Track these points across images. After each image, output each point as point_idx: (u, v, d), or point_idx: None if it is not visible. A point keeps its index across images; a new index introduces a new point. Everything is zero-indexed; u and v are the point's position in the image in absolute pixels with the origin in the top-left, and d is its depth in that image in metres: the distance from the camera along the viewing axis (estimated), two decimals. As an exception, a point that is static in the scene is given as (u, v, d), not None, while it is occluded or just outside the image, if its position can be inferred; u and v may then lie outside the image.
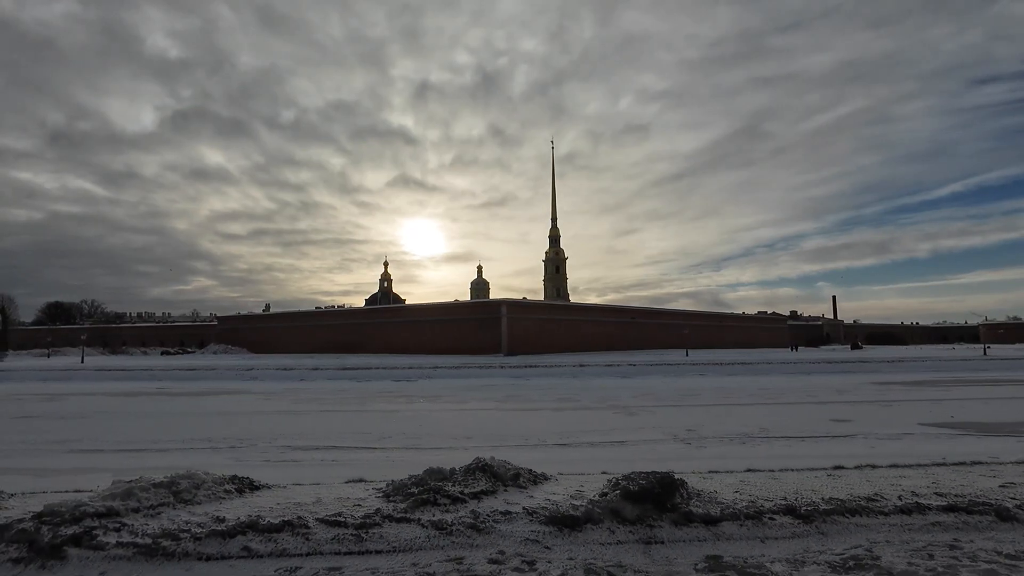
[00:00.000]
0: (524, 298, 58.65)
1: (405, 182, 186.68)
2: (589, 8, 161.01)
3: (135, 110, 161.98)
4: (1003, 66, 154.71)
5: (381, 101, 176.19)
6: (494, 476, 3.40)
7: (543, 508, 3.14)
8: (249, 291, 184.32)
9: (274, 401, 14.81)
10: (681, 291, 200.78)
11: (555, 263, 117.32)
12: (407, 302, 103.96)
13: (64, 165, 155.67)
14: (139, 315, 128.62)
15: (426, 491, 3.12)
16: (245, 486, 3.64)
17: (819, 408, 12.44)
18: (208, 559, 2.67)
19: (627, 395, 15.46)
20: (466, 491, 3.16)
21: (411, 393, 16.68)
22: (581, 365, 27.41)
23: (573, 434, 8.87)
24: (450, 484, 3.25)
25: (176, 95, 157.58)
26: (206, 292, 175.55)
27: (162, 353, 64.72)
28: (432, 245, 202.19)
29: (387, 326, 54.56)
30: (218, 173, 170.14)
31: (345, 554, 2.81)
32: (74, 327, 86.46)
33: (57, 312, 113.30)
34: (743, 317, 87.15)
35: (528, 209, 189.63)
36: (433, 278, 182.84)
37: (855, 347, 63.94)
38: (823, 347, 75.69)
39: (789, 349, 59.58)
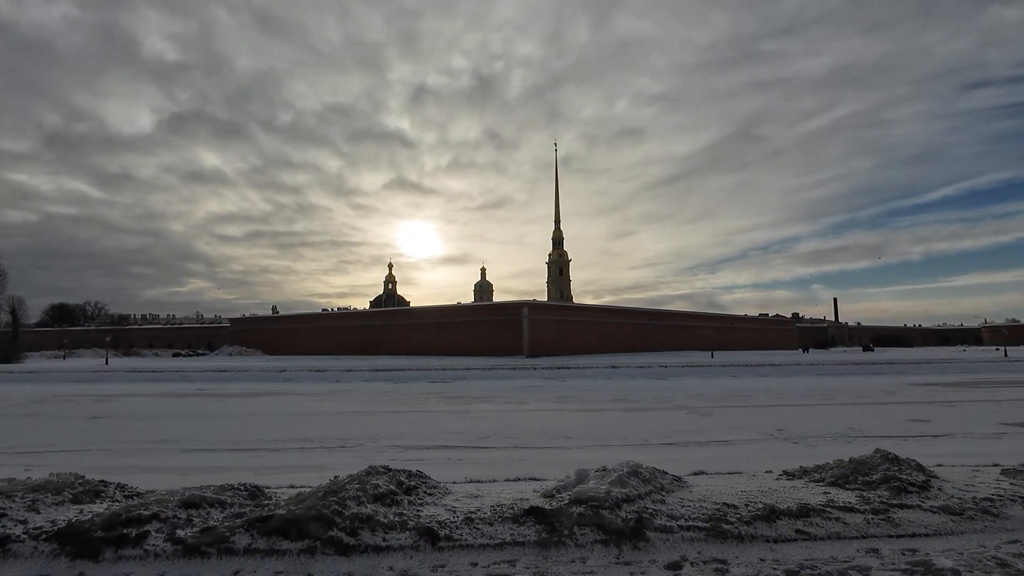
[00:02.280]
0: (534, 299, 58.73)
1: (402, 184, 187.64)
2: (584, 12, 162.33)
3: (132, 112, 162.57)
4: (994, 71, 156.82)
5: (378, 104, 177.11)
6: (897, 465, 3.47)
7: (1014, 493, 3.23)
8: (245, 293, 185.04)
9: (332, 402, 14.83)
10: (677, 293, 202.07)
11: (558, 265, 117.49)
12: (410, 304, 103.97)
13: (60, 167, 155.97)
14: (143, 316, 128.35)
15: (886, 479, 3.19)
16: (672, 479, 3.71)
17: (884, 409, 12.52)
18: (776, 541, 2.72)
19: (680, 396, 15.52)
20: (915, 480, 3.23)
21: (459, 394, 16.72)
22: (613, 367, 27.48)
23: (668, 435, 8.92)
24: (901, 473, 3.32)
25: (173, 98, 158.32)
26: (201, 294, 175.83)
27: (174, 355, 64.56)
28: (429, 247, 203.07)
29: (406, 327, 54.53)
30: (214, 175, 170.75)
31: (898, 536, 2.84)
32: (87, 328, 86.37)
33: (61, 314, 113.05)
34: (753, 319, 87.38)
35: (524, 211, 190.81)
36: (430, 280, 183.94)
37: (866, 349, 64.08)
38: (831, 349, 75.88)
39: (800, 351, 59.73)
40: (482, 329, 48.83)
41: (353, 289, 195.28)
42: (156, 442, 8.50)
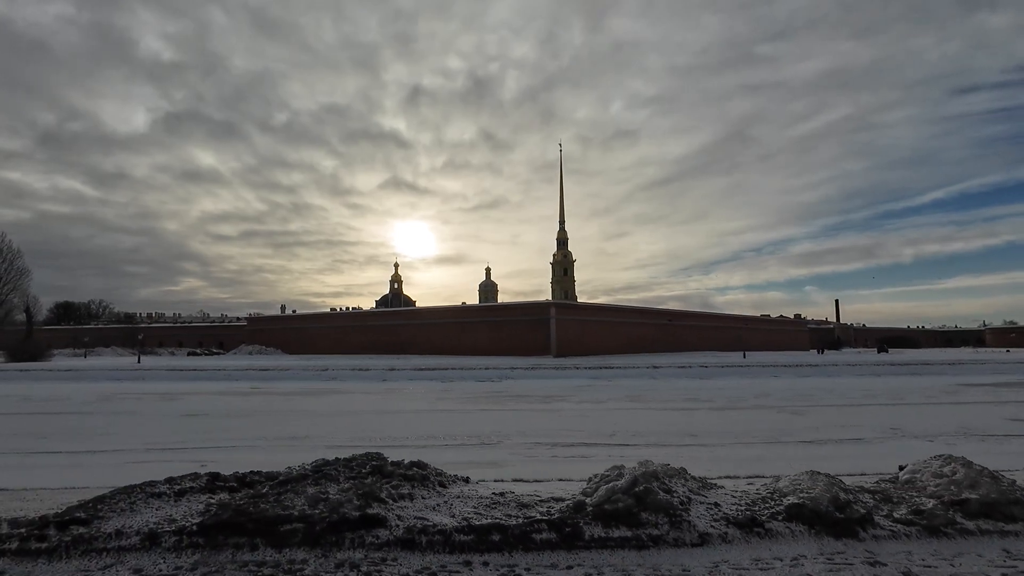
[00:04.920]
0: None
1: (397, 184, 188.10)
2: (579, 14, 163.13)
3: (127, 112, 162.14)
4: (984, 76, 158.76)
5: (373, 105, 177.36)
6: None
7: None
8: (239, 292, 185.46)
9: (403, 400, 14.87)
10: (671, 294, 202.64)
11: (563, 266, 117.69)
12: (416, 303, 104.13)
13: (54, 166, 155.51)
14: (148, 315, 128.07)
15: None
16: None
17: (969, 408, 12.60)
18: None
19: (748, 396, 15.59)
20: None
21: (522, 393, 16.73)
22: (654, 367, 27.56)
23: (791, 433, 8.99)
24: None
25: (169, 97, 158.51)
26: (195, 293, 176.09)
27: (189, 354, 64.49)
28: (424, 247, 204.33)
29: (430, 327, 54.51)
30: (210, 174, 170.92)
31: None
32: (101, 327, 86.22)
33: (67, 312, 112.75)
34: (767, 321, 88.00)
35: (519, 212, 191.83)
36: (425, 280, 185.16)
37: (881, 350, 64.23)
38: (844, 350, 76.02)
39: (816, 352, 59.92)
40: (507, 329, 48.91)
41: (348, 289, 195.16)
42: (288, 439, 8.54)
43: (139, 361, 37.51)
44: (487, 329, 50.36)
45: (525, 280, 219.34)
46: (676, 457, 7.05)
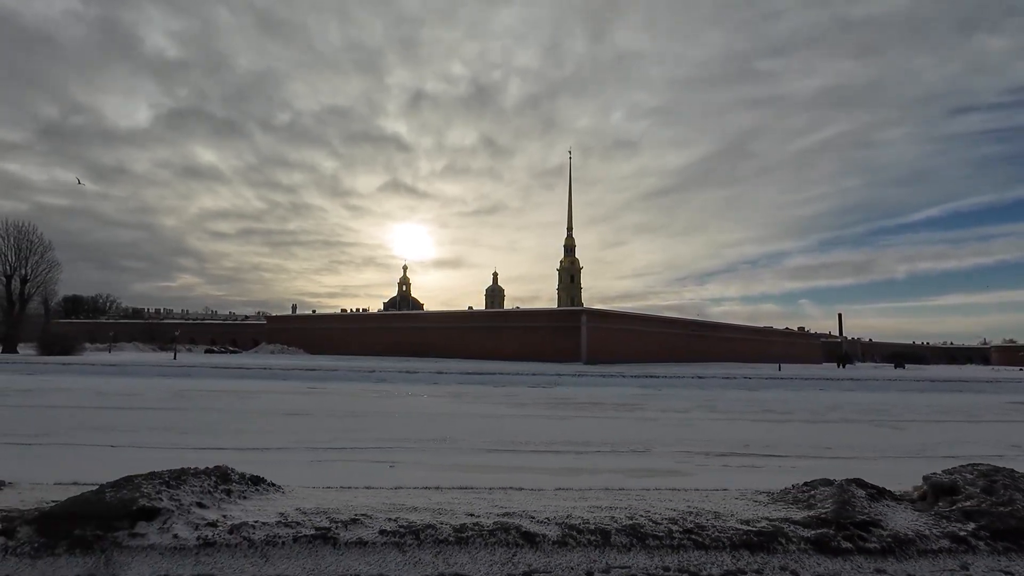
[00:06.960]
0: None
1: (396, 187, 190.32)
2: (583, 25, 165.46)
3: (130, 107, 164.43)
4: (981, 97, 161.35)
5: (375, 107, 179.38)
6: None
7: None
8: (235, 290, 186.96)
9: (483, 404, 14.95)
10: (666, 304, 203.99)
11: (570, 272, 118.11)
12: (424, 307, 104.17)
13: (54, 158, 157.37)
14: (157, 311, 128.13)
15: None
16: None
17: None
18: None
19: (821, 408, 15.70)
20: None
21: (591, 400, 16.81)
22: (699, 376, 27.68)
23: (927, 447, 9.08)
24: None
25: (172, 94, 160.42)
26: (191, 290, 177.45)
27: (206, 351, 64.52)
28: (422, 250, 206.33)
29: (458, 331, 54.77)
30: (210, 172, 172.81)
31: None
32: (117, 321, 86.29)
33: (75, 306, 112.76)
34: (784, 333, 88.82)
35: (518, 218, 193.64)
36: (423, 282, 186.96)
37: (898, 366, 64.36)
38: (858, 365, 76.09)
39: (836, 366, 60.07)
40: (542, 334, 49.25)
41: (344, 290, 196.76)
42: (433, 441, 8.61)
43: (175, 357, 37.54)
44: (515, 334, 50.55)
45: (523, 285, 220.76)
46: (845, 470, 7.17)
